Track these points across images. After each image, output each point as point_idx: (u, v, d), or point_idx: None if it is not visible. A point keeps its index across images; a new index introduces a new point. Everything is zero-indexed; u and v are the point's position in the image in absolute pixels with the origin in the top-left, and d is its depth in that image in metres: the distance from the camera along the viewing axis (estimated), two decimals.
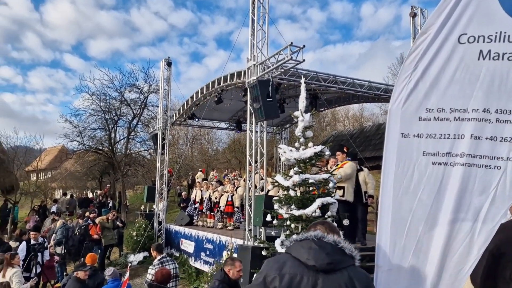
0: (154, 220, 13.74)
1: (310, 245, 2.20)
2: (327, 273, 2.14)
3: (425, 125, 2.93)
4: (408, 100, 3.00)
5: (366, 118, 31.87)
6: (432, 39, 2.92)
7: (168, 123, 14.11)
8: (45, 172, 33.45)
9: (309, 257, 2.15)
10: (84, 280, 6.01)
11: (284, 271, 2.17)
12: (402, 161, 2.92)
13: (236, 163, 28.11)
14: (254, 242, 7.46)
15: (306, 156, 5.46)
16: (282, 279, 2.14)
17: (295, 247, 2.26)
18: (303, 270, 2.16)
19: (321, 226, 2.47)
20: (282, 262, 2.22)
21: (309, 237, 2.25)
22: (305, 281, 2.13)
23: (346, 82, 9.12)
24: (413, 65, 2.98)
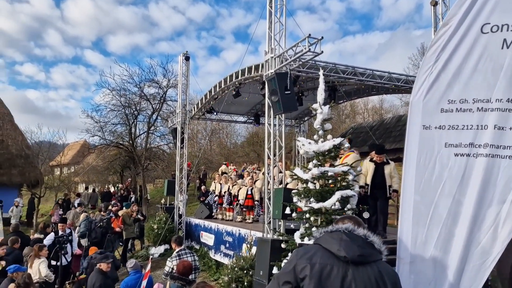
0: (174, 213, 13.93)
1: (341, 236, 2.23)
2: (357, 265, 2.16)
3: (447, 116, 2.89)
4: (430, 92, 2.96)
5: (386, 110, 31.44)
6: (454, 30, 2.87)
7: (187, 117, 14.22)
8: (68, 166, 34.19)
9: (340, 248, 2.18)
10: (106, 272, 6.15)
11: (314, 260, 2.19)
12: (424, 153, 2.90)
13: (255, 156, 28.17)
14: (274, 235, 7.49)
15: (325, 148, 5.44)
16: (312, 268, 2.16)
17: (325, 238, 2.29)
18: (334, 260, 2.18)
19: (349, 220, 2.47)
20: (312, 252, 2.24)
21: (340, 229, 2.28)
22: (335, 272, 2.15)
23: (366, 73, 9.00)
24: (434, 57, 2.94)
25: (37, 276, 7.27)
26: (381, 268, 2.21)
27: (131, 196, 20.93)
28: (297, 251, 2.35)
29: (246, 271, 7.69)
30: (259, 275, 6.91)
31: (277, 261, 6.15)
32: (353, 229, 2.28)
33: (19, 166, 23.12)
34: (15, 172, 23.13)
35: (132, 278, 6.61)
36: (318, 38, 7.04)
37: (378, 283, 2.14)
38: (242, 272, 7.72)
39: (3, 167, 22.73)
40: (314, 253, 2.24)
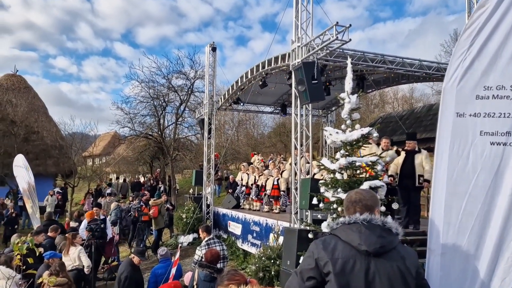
0: (202, 203, 14.12)
1: (360, 229, 2.20)
2: (378, 256, 2.14)
3: (482, 103, 2.77)
4: (464, 78, 2.85)
5: (416, 99, 30.62)
6: (491, 13, 2.74)
7: (214, 108, 14.30)
8: (99, 157, 35.17)
9: (361, 242, 2.15)
10: (138, 266, 6.28)
11: (336, 255, 2.17)
12: (457, 142, 2.80)
13: (282, 147, 28.10)
14: (301, 225, 7.48)
15: (353, 138, 5.34)
16: (335, 264, 2.14)
17: (344, 230, 2.25)
18: (355, 254, 2.16)
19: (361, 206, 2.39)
20: (332, 246, 2.22)
21: (357, 220, 2.24)
22: (358, 265, 2.13)
23: (395, 61, 8.77)
24: (469, 41, 2.82)
25: (76, 263, 7.55)
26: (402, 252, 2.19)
27: (160, 186, 21.36)
28: (316, 244, 2.32)
29: (273, 260, 7.73)
30: (286, 264, 6.93)
31: (304, 251, 6.14)
32: (371, 218, 2.25)
33: (53, 156, 23.98)
34: (50, 162, 24.03)
35: (161, 266, 6.76)
36: (346, 26, 6.90)
37: (401, 271, 2.12)
38: (269, 262, 7.76)
39: (39, 158, 23.64)
40: (335, 247, 2.21)
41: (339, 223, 2.32)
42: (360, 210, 2.32)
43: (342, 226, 2.29)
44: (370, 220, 2.23)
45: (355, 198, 2.39)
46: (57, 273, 5.84)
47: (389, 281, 2.10)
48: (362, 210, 2.32)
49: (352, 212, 2.34)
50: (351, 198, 2.41)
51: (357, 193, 2.44)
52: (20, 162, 13.28)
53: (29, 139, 23.81)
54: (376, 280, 2.10)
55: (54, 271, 5.82)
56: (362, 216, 2.25)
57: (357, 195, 2.42)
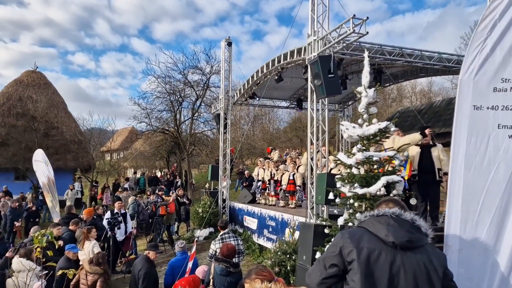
0: (218, 198, 14.20)
1: (388, 221, 2.19)
2: (405, 250, 2.12)
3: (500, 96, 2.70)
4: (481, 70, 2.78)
5: (435, 93, 30.09)
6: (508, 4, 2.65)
7: (229, 103, 14.33)
8: (117, 152, 35.66)
9: (388, 234, 2.14)
10: (153, 260, 6.35)
11: (361, 245, 2.16)
12: (474, 135, 2.73)
13: (298, 141, 28.02)
14: (317, 220, 7.46)
15: (370, 132, 5.28)
16: (360, 253, 2.13)
17: (372, 222, 2.24)
18: (381, 245, 2.14)
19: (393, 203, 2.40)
20: (358, 236, 2.21)
21: (386, 213, 2.23)
22: (383, 257, 2.11)
23: (414, 54, 8.62)
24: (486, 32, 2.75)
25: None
26: (430, 251, 2.15)
27: (177, 180, 21.55)
28: (342, 233, 2.31)
29: (289, 255, 7.73)
30: (302, 259, 6.92)
31: (320, 246, 6.12)
32: (400, 213, 2.22)
33: (73, 151, 24.43)
34: (70, 157, 24.50)
35: (178, 259, 6.83)
36: (363, 19, 6.80)
37: (427, 268, 2.09)
38: (285, 256, 7.77)
39: (59, 152, 24.13)
40: (361, 237, 2.20)
41: (367, 216, 2.32)
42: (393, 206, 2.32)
43: (370, 219, 2.29)
44: (399, 215, 2.22)
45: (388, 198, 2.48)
46: (99, 264, 6.04)
47: (413, 277, 2.07)
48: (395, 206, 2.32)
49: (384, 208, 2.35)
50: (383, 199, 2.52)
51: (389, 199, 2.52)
52: (40, 156, 13.52)
53: (49, 134, 24.32)
54: (400, 273, 2.08)
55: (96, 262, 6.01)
56: (392, 210, 2.24)
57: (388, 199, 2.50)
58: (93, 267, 6.03)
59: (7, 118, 24.10)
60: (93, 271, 6.00)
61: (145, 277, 5.81)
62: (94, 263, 6.08)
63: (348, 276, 2.16)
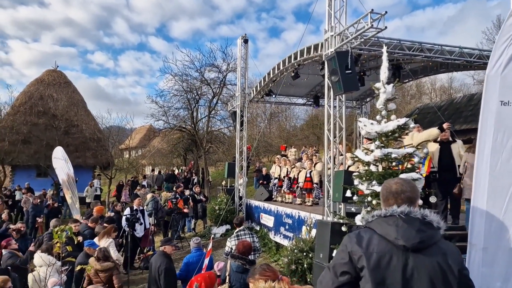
0: (234, 195, 14.22)
1: (396, 222, 2.07)
2: (417, 252, 2.01)
3: None
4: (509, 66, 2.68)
5: (455, 89, 29.52)
6: None
7: (246, 100, 14.31)
8: (136, 149, 36.11)
9: (398, 236, 2.03)
10: (170, 255, 6.36)
11: (371, 249, 2.06)
12: (501, 131, 2.64)
13: (315, 139, 27.86)
14: (334, 218, 7.38)
15: (389, 129, 5.17)
16: (369, 259, 2.04)
17: (380, 223, 2.14)
18: (392, 248, 2.04)
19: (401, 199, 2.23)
20: (367, 240, 2.11)
21: (394, 213, 2.11)
22: (394, 261, 2.01)
23: (434, 49, 8.42)
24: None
25: None
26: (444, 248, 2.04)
27: (193, 178, 21.68)
28: (349, 238, 2.19)
29: (305, 253, 7.67)
30: (319, 257, 6.86)
31: (337, 244, 6.05)
32: (410, 211, 2.10)
33: (92, 149, 24.82)
34: (89, 154, 24.91)
35: (193, 255, 6.82)
36: (382, 13, 6.68)
37: (442, 268, 1.99)
38: (301, 254, 7.71)
39: (78, 150, 24.55)
40: (369, 241, 2.09)
41: (375, 216, 2.20)
42: (402, 202, 2.17)
43: (377, 219, 2.17)
44: (409, 213, 2.09)
45: (395, 189, 2.22)
46: (106, 258, 6.10)
47: (428, 278, 1.97)
48: (404, 202, 2.17)
49: (392, 203, 2.19)
50: (390, 189, 2.24)
51: (398, 184, 2.26)
52: (59, 154, 13.72)
53: (69, 132, 24.76)
54: (414, 276, 1.98)
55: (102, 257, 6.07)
56: (400, 209, 2.11)
57: (397, 185, 2.24)
58: (102, 263, 6.06)
59: (29, 117, 24.63)
60: (105, 267, 6.03)
61: (165, 272, 5.83)
62: (102, 260, 6.11)
63: (360, 283, 2.07)
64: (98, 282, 5.82)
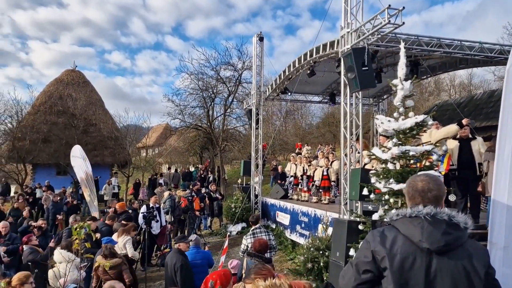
0: (250, 193, 14.23)
1: (422, 224, 2.02)
2: (442, 254, 1.97)
3: None
4: None
5: (475, 86, 28.89)
6: None
7: (261, 98, 14.30)
8: (152, 148, 36.46)
9: (422, 239, 1.98)
10: (185, 252, 6.38)
11: (394, 251, 2.03)
12: None
13: (331, 137, 27.69)
14: (350, 216, 7.31)
15: (406, 126, 5.09)
16: (393, 260, 2.01)
17: (404, 224, 2.09)
18: (415, 250, 2.00)
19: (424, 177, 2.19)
20: (391, 240, 2.07)
21: (420, 214, 2.05)
22: (418, 263, 1.98)
23: (453, 44, 8.25)
24: None
25: (124, 251, 7.88)
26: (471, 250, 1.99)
27: (209, 176, 21.80)
28: (373, 235, 2.16)
29: (322, 251, 7.63)
30: (335, 256, 6.81)
31: (354, 243, 6.00)
32: (436, 212, 2.03)
33: (110, 147, 25.19)
34: (107, 153, 25.28)
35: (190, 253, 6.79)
36: (399, 9, 6.58)
37: (467, 271, 1.93)
38: (318, 253, 7.67)
39: (97, 148, 24.95)
40: (393, 241, 2.05)
41: (400, 215, 2.14)
42: (429, 202, 2.10)
43: (402, 219, 2.11)
44: (435, 215, 2.03)
45: (422, 187, 2.15)
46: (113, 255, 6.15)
47: (452, 281, 1.93)
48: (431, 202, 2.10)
49: (418, 202, 2.13)
50: (416, 186, 2.17)
51: (424, 181, 2.17)
52: (77, 152, 13.91)
53: (87, 130, 25.17)
54: (437, 279, 1.94)
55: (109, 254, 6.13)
56: (426, 210, 2.05)
57: (424, 183, 2.16)
58: (110, 260, 6.10)
59: (49, 116, 25.12)
60: (113, 264, 6.08)
61: (181, 269, 5.86)
62: (109, 256, 6.14)
63: (383, 283, 2.05)
64: (107, 279, 5.84)
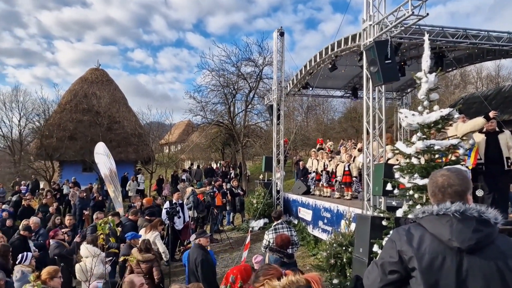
0: (272, 189, 14.22)
1: (451, 222, 1.94)
2: (472, 253, 1.89)
3: None
4: None
5: (503, 78, 28.02)
6: None
7: (282, 94, 14.24)
8: (175, 144, 36.88)
9: (452, 238, 1.90)
10: (206, 247, 6.44)
11: (422, 250, 1.95)
12: None
13: (353, 132, 27.36)
14: (374, 212, 7.22)
15: (431, 120, 4.97)
16: (421, 260, 1.93)
17: (432, 222, 2.00)
18: (445, 249, 1.91)
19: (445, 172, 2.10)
20: (418, 239, 1.99)
21: (448, 211, 1.96)
22: (448, 262, 1.90)
23: (479, 35, 8.01)
24: None
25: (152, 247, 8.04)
26: (503, 247, 1.89)
27: (231, 172, 21.90)
28: (399, 234, 2.07)
29: (345, 247, 7.56)
30: (358, 252, 6.74)
31: (377, 239, 5.92)
32: (465, 209, 1.94)
33: (133, 144, 25.61)
34: (131, 149, 25.70)
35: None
36: (423, 0, 6.42)
37: (500, 269, 1.84)
38: (340, 248, 7.60)
39: (121, 145, 25.39)
40: (421, 240, 1.97)
41: (426, 212, 2.05)
42: (450, 198, 2.02)
43: (429, 216, 2.02)
44: (464, 212, 1.94)
45: (441, 182, 2.06)
46: (148, 250, 6.30)
47: (484, 281, 1.84)
48: (452, 197, 2.02)
49: (440, 199, 2.05)
50: (437, 182, 2.09)
51: (444, 176, 2.09)
52: (101, 149, 14.11)
53: (111, 128, 25.64)
54: (469, 279, 1.86)
55: (144, 248, 6.27)
56: (454, 207, 1.95)
57: (444, 178, 2.07)
58: (144, 254, 6.25)
59: (75, 114, 25.72)
60: (146, 259, 6.22)
61: (202, 264, 5.91)
62: (144, 251, 6.30)
63: (412, 284, 1.97)
64: (139, 272, 6.01)
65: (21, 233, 8.13)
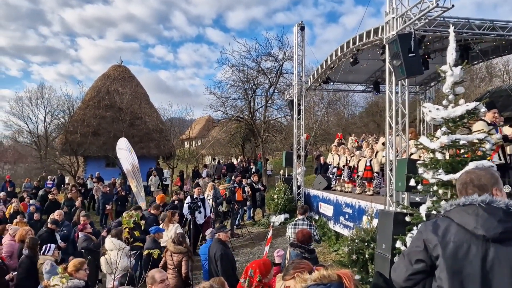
0: (293, 184, 14.20)
1: (476, 211, 1.95)
2: (499, 242, 1.87)
3: None
4: None
5: None
6: None
7: (303, 88, 14.16)
8: (196, 140, 37.17)
9: (477, 226, 1.91)
10: (226, 242, 6.49)
11: (447, 238, 1.97)
12: None
13: (374, 126, 27.01)
14: (397, 208, 7.13)
15: (456, 114, 4.86)
16: (445, 247, 1.95)
17: (458, 212, 2.03)
18: (470, 238, 1.92)
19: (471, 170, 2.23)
20: (444, 228, 2.02)
21: (474, 201, 1.99)
22: (473, 251, 1.90)
23: (507, 27, 7.77)
24: None
25: None
26: None
27: (251, 167, 21.94)
28: (425, 225, 2.13)
29: (367, 243, 7.50)
30: (381, 248, 6.68)
31: (400, 235, 5.84)
32: (492, 200, 1.96)
33: (155, 140, 25.93)
34: (152, 145, 26.05)
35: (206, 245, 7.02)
36: None
37: None
38: (362, 244, 7.55)
39: (143, 141, 25.78)
40: (446, 229, 1.99)
41: (453, 205, 2.10)
42: (473, 192, 2.06)
43: (456, 208, 2.06)
44: (490, 202, 1.96)
45: (465, 179, 2.17)
46: (181, 243, 6.43)
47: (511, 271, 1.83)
48: (474, 191, 2.07)
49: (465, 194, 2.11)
50: (461, 180, 2.20)
51: (468, 173, 2.21)
52: (123, 145, 14.29)
53: (133, 124, 26.04)
54: (495, 268, 1.84)
55: (177, 241, 6.41)
56: (481, 198, 1.99)
57: (467, 175, 2.19)
58: (176, 246, 6.39)
59: (98, 110, 26.22)
60: (177, 251, 6.37)
61: (222, 259, 5.97)
62: (177, 243, 6.44)
63: (436, 272, 1.99)
64: (170, 264, 6.29)
65: (49, 226, 8.40)
